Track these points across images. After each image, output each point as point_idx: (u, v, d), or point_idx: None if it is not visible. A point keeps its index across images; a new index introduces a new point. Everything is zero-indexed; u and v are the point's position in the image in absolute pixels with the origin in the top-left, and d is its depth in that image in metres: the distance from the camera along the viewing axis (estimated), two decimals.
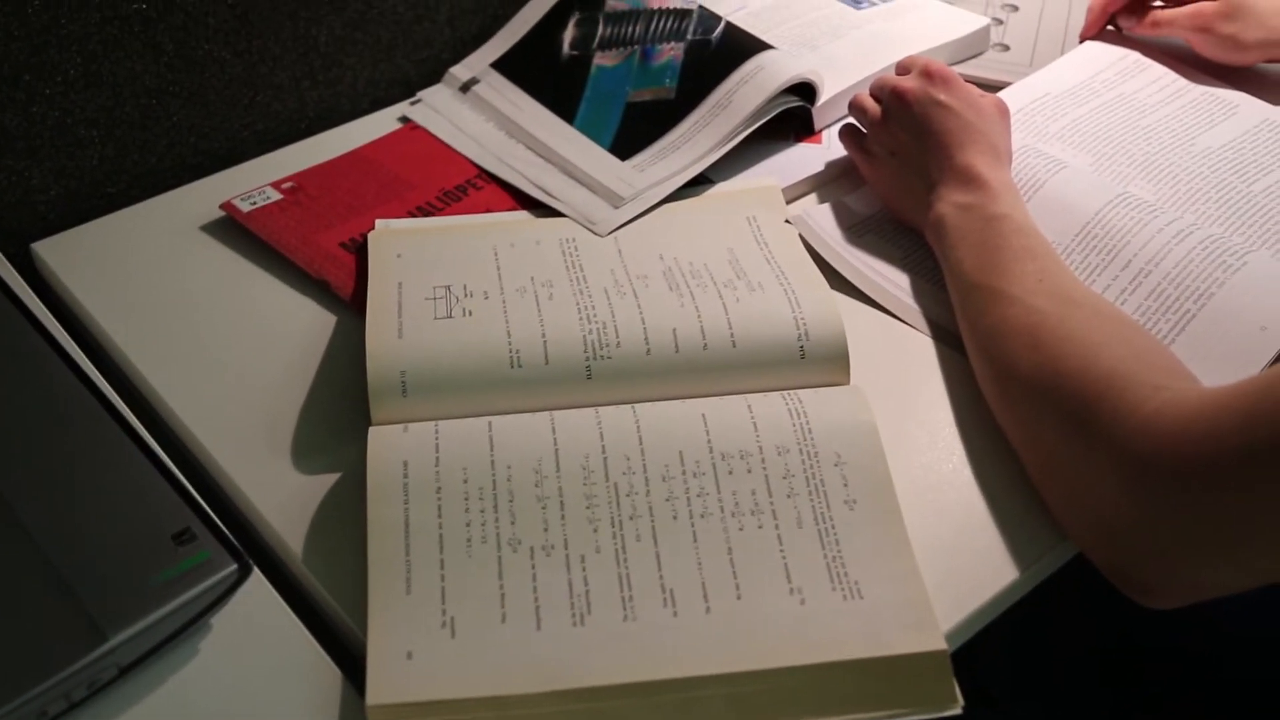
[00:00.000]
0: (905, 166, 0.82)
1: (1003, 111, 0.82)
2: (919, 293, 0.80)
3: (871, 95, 0.86)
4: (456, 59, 0.99)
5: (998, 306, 0.69)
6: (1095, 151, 0.89)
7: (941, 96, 0.80)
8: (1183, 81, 0.97)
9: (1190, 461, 0.56)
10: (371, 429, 0.66)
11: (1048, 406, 0.64)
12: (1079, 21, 1.04)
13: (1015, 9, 1.06)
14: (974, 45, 1.01)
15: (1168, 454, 0.57)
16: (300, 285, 0.80)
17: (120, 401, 0.69)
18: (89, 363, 0.73)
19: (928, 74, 0.82)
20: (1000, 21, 1.05)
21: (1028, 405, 0.66)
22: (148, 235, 0.84)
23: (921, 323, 0.78)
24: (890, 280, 0.80)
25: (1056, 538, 0.65)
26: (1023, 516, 0.66)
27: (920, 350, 0.77)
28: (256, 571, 0.61)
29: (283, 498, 0.67)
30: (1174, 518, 0.58)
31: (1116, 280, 0.77)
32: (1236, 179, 0.86)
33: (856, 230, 0.84)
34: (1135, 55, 0.99)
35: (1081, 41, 1.01)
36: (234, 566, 0.57)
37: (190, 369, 0.74)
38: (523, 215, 0.85)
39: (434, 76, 0.99)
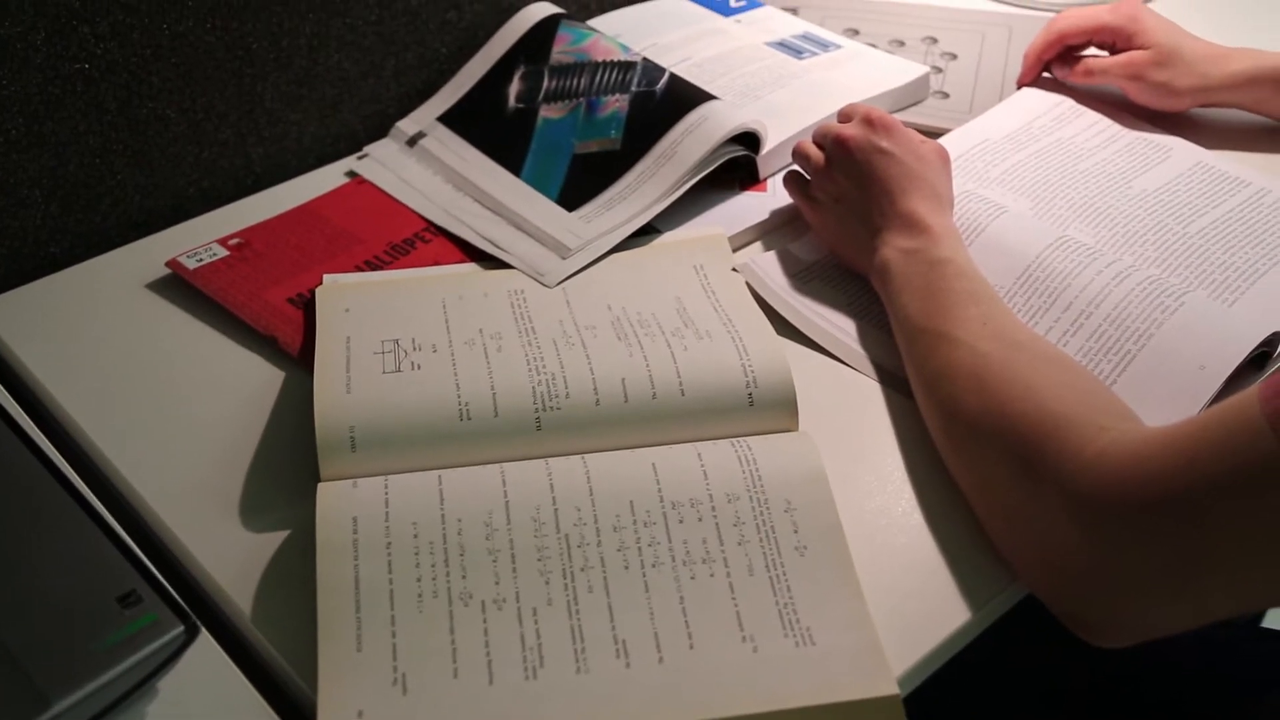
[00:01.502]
0: (849, 212, 0.83)
1: (944, 157, 0.83)
2: (865, 338, 0.80)
3: (814, 143, 0.87)
4: (403, 113, 1.00)
5: (943, 350, 0.70)
6: (1035, 196, 0.91)
7: (883, 143, 0.81)
8: (1117, 127, 0.99)
9: (1136, 501, 0.57)
10: (320, 485, 0.65)
11: (994, 449, 0.65)
12: (1016, 69, 1.06)
13: (954, 57, 1.08)
14: (914, 93, 1.03)
15: (1114, 494, 0.58)
16: (248, 342, 0.80)
17: (64, 463, 0.68)
18: (32, 424, 0.73)
19: (869, 121, 0.83)
20: (939, 70, 1.07)
21: (975, 448, 0.67)
22: (92, 294, 0.83)
23: (868, 367, 0.79)
24: (837, 326, 0.81)
25: (1008, 578, 0.66)
26: (974, 557, 0.67)
27: (868, 395, 0.77)
28: (204, 633, 0.61)
29: (231, 557, 0.66)
30: (1121, 557, 0.58)
31: (1059, 322, 0.78)
32: (1173, 221, 0.88)
33: (802, 277, 0.85)
34: (1070, 101, 1.01)
35: (1019, 88, 1.03)
36: (181, 628, 0.56)
37: (136, 429, 0.73)
38: (471, 268, 0.85)
39: (381, 131, 1.00)
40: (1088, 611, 0.62)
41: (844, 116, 0.87)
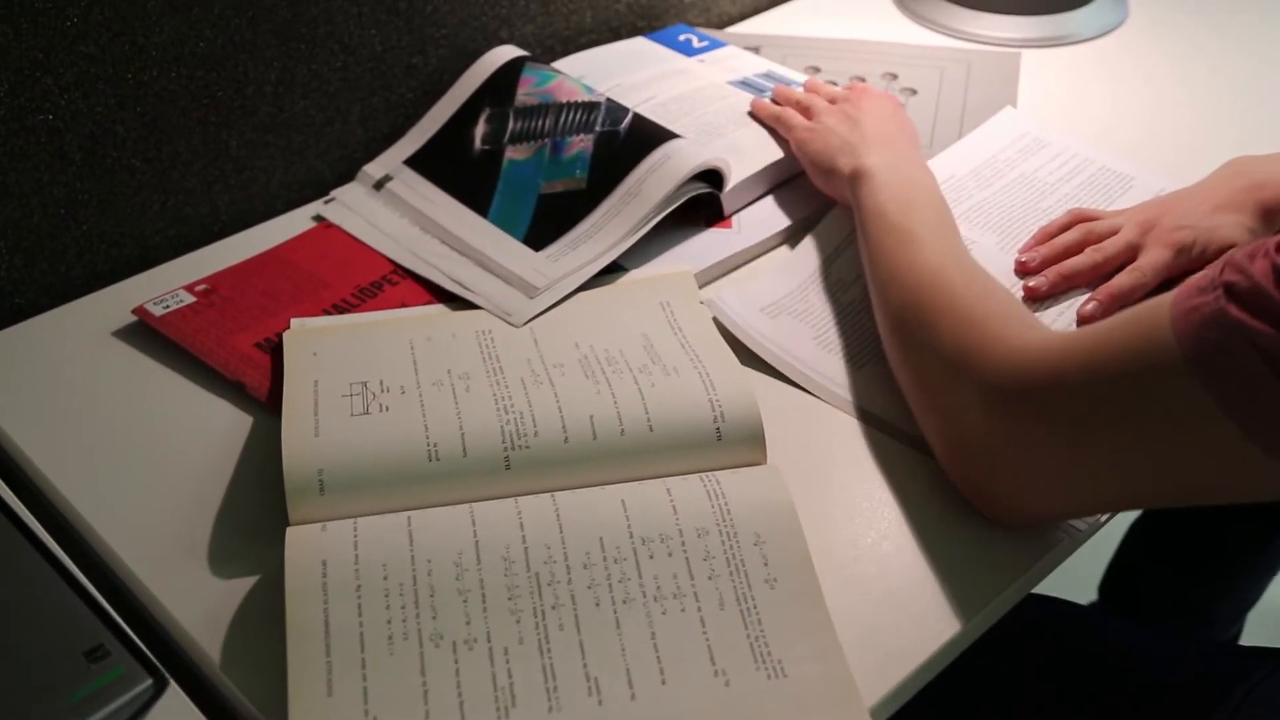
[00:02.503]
0: (841, 140, 0.91)
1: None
2: (832, 370, 0.81)
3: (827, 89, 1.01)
4: (369, 157, 1.00)
5: (909, 247, 0.77)
6: (1001, 230, 0.92)
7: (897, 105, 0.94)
8: (1080, 156, 1.00)
9: (1042, 388, 0.63)
10: (289, 529, 0.65)
11: (932, 339, 0.71)
12: (975, 103, 1.08)
13: (914, 93, 1.10)
14: None
15: (1023, 381, 0.64)
16: (216, 387, 0.80)
17: (29, 515, 0.68)
18: None
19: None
20: (900, 106, 1.08)
21: (919, 339, 0.73)
22: (58, 344, 0.83)
23: (835, 398, 0.79)
24: (803, 359, 0.82)
25: (977, 607, 0.66)
26: (943, 587, 0.67)
27: (834, 426, 0.78)
28: (173, 684, 0.60)
29: (200, 605, 0.66)
30: (1025, 440, 0.64)
31: None
32: None
33: (769, 312, 0.85)
34: (1034, 133, 1.03)
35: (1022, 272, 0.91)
36: (149, 682, 0.56)
37: (103, 478, 0.73)
38: (438, 309, 0.85)
39: (347, 175, 1.00)
40: (991, 488, 0.68)
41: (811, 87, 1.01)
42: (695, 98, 1.04)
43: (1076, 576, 1.28)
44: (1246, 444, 0.55)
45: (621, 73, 1.08)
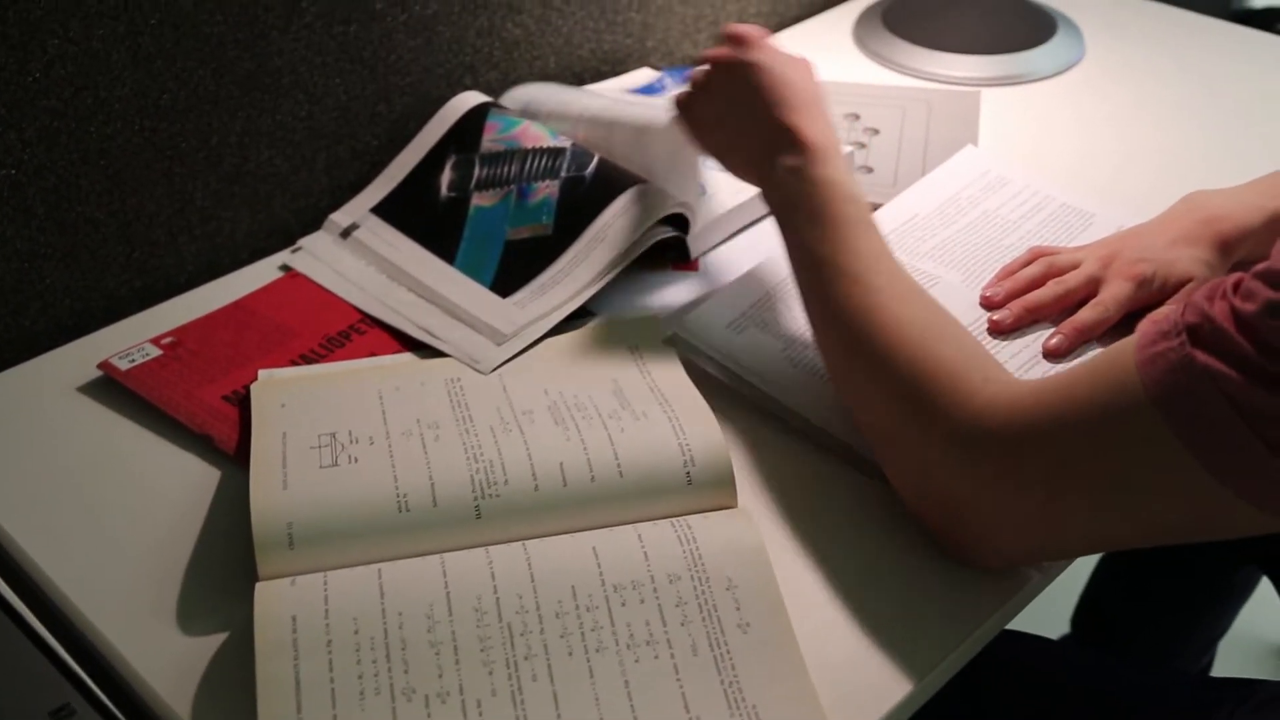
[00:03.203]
0: (732, 131, 0.84)
1: (808, 64, 0.85)
2: (803, 391, 0.81)
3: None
4: (336, 206, 1.00)
5: (843, 284, 0.73)
6: (965, 269, 0.92)
7: (749, 56, 0.82)
8: (1041, 194, 1.01)
9: (1014, 441, 0.63)
10: (258, 585, 0.65)
11: (889, 387, 0.70)
12: (937, 139, 1.09)
13: (876, 132, 1.11)
14: None
15: (997, 437, 0.64)
16: (183, 441, 0.79)
17: None
18: None
19: (735, 38, 0.84)
20: (863, 145, 1.09)
21: (871, 384, 0.71)
22: (22, 400, 0.83)
23: (806, 425, 0.79)
24: (772, 380, 0.81)
25: (951, 645, 0.66)
26: (916, 626, 0.67)
27: (805, 459, 0.78)
28: None
29: (168, 662, 0.65)
30: (995, 492, 0.65)
31: None
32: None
33: (736, 327, 0.85)
34: (995, 171, 1.04)
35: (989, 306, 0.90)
36: None
37: (69, 535, 0.72)
38: (407, 357, 0.85)
39: (314, 224, 1.00)
40: (967, 538, 0.68)
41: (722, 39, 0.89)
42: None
43: (1049, 609, 1.28)
44: (1216, 486, 0.55)
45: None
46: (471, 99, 1.03)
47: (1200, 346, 0.55)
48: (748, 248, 0.97)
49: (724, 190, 0.99)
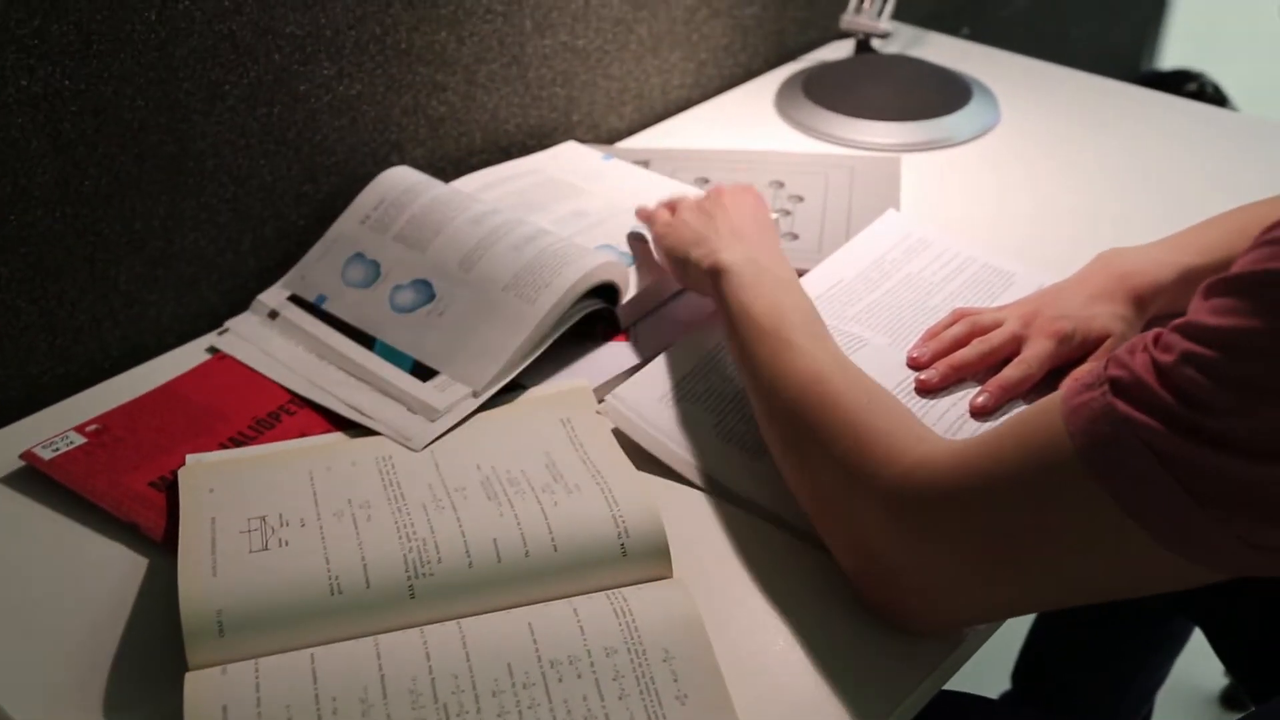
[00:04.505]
0: (696, 230, 0.92)
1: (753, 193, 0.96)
2: (731, 465, 0.81)
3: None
4: (264, 286, 1.00)
5: (785, 355, 0.76)
6: (891, 331, 0.93)
7: (753, 203, 0.94)
8: (963, 255, 1.03)
9: (945, 502, 0.63)
10: (188, 674, 0.64)
11: (826, 454, 0.70)
12: (860, 204, 1.11)
13: (801, 199, 1.13)
14: None
15: (927, 497, 0.64)
16: (109, 530, 0.78)
17: None
18: None
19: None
20: (788, 212, 1.11)
21: (809, 452, 0.72)
22: None
23: (736, 500, 0.79)
24: (701, 454, 0.82)
25: (890, 708, 0.66)
26: (854, 690, 0.67)
27: (739, 526, 0.78)
28: None
29: None
30: (930, 554, 0.65)
31: None
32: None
33: (667, 400, 0.86)
34: (917, 234, 1.06)
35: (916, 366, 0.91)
36: None
37: None
38: (338, 437, 0.84)
39: (242, 305, 0.99)
40: (902, 601, 0.69)
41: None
42: (589, 216, 1.06)
43: (992, 665, 1.29)
44: (1144, 538, 0.56)
45: (513, 192, 1.09)
46: (398, 175, 1.02)
47: (1122, 397, 0.56)
48: (677, 317, 0.98)
49: (651, 260, 1.00)
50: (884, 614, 0.70)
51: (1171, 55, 2.52)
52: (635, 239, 1.01)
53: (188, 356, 0.95)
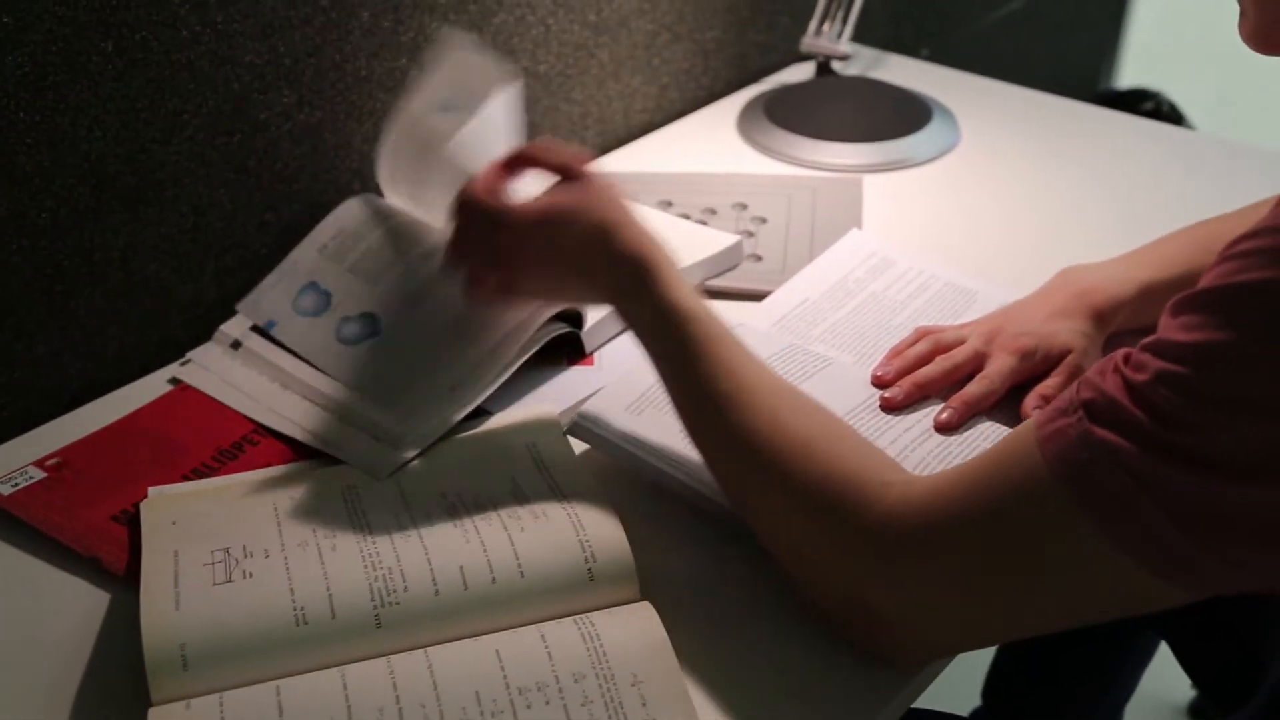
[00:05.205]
0: (546, 281, 0.82)
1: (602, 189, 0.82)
2: (704, 470, 0.81)
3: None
4: (226, 316, 0.99)
5: (735, 413, 0.72)
6: (856, 350, 0.94)
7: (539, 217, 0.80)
8: (926, 274, 1.04)
9: (926, 541, 0.63)
10: (151, 710, 0.63)
11: (793, 502, 0.69)
12: (823, 225, 1.11)
13: (764, 221, 1.13)
14: (728, 260, 1.06)
15: (908, 537, 0.64)
16: (71, 565, 0.77)
17: None
18: None
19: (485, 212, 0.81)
20: (751, 234, 1.11)
21: (774, 501, 0.71)
22: None
23: (707, 503, 0.79)
24: (671, 463, 0.81)
25: None
26: (823, 710, 0.67)
27: (706, 549, 0.78)
28: None
29: None
30: (907, 591, 0.65)
31: None
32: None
33: (635, 408, 0.85)
34: (881, 253, 1.06)
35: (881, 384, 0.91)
36: None
37: None
38: (302, 467, 0.84)
39: (205, 335, 0.98)
40: (878, 639, 0.68)
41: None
42: None
43: (965, 682, 1.29)
44: (1125, 561, 0.56)
45: None
46: (360, 204, 1.02)
47: (1097, 421, 0.56)
48: None
49: None
50: (867, 649, 0.69)
51: (1129, 75, 2.54)
52: None
53: (149, 388, 0.94)
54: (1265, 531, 0.53)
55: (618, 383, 0.88)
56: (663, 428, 0.84)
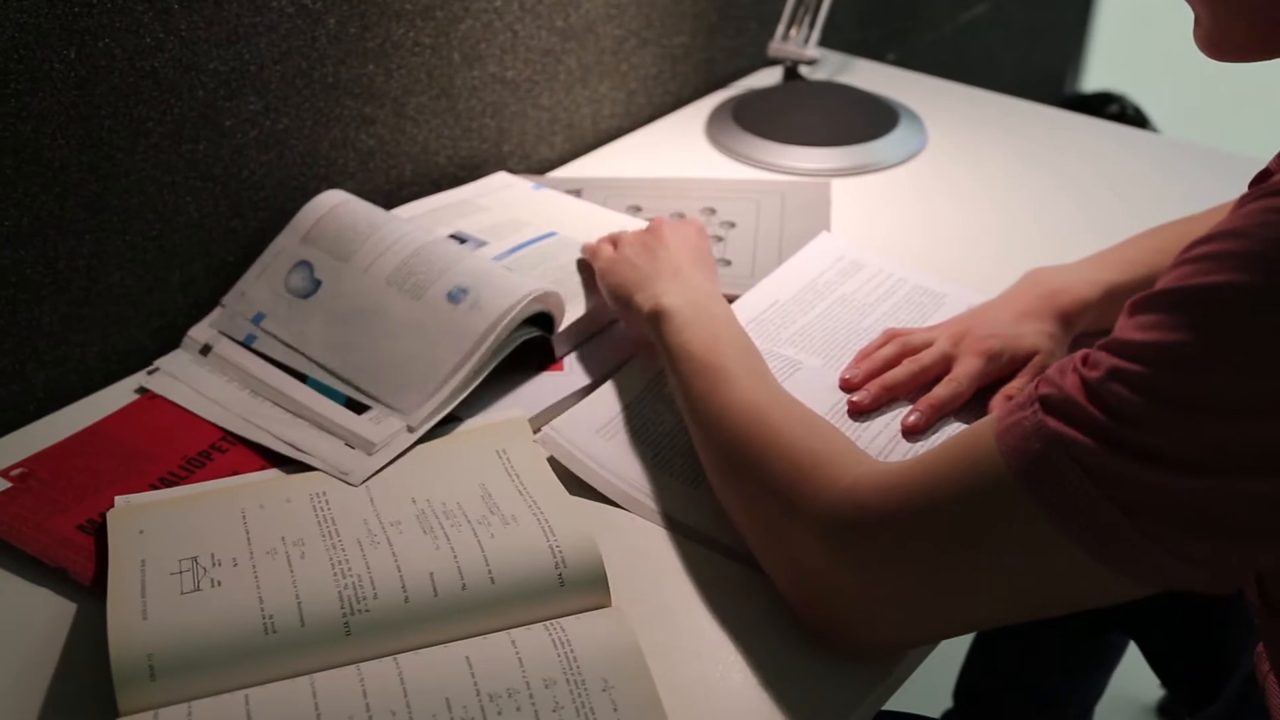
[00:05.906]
0: (639, 270, 0.92)
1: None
2: (668, 494, 0.81)
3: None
4: (193, 323, 0.99)
5: (724, 388, 0.77)
6: (825, 353, 0.94)
7: (695, 237, 0.96)
8: (895, 277, 1.04)
9: (881, 524, 0.64)
10: None
11: (764, 482, 0.71)
12: (792, 229, 1.11)
13: (733, 225, 1.13)
14: None
15: (863, 520, 0.65)
16: (37, 576, 0.76)
17: None
18: None
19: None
20: (721, 239, 1.11)
21: (747, 481, 0.73)
22: None
23: (675, 526, 0.79)
24: (639, 485, 0.82)
25: None
26: (794, 713, 0.67)
27: (677, 554, 0.78)
28: None
29: None
30: (869, 576, 0.65)
31: None
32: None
33: (605, 432, 0.86)
34: (850, 256, 1.07)
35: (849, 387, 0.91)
36: None
37: None
38: (271, 474, 0.83)
39: (172, 343, 0.98)
40: (844, 626, 0.68)
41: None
42: (539, 253, 1.05)
43: (938, 683, 1.30)
44: (1077, 552, 0.57)
45: (450, 222, 1.09)
46: (330, 199, 1.02)
47: (1052, 414, 0.57)
48: (613, 345, 0.98)
49: (587, 288, 1.00)
50: (823, 638, 0.70)
51: (1094, 78, 2.57)
52: (584, 266, 1.02)
53: (116, 397, 0.93)
54: (1213, 526, 0.53)
55: (590, 403, 0.88)
56: (630, 457, 0.84)
